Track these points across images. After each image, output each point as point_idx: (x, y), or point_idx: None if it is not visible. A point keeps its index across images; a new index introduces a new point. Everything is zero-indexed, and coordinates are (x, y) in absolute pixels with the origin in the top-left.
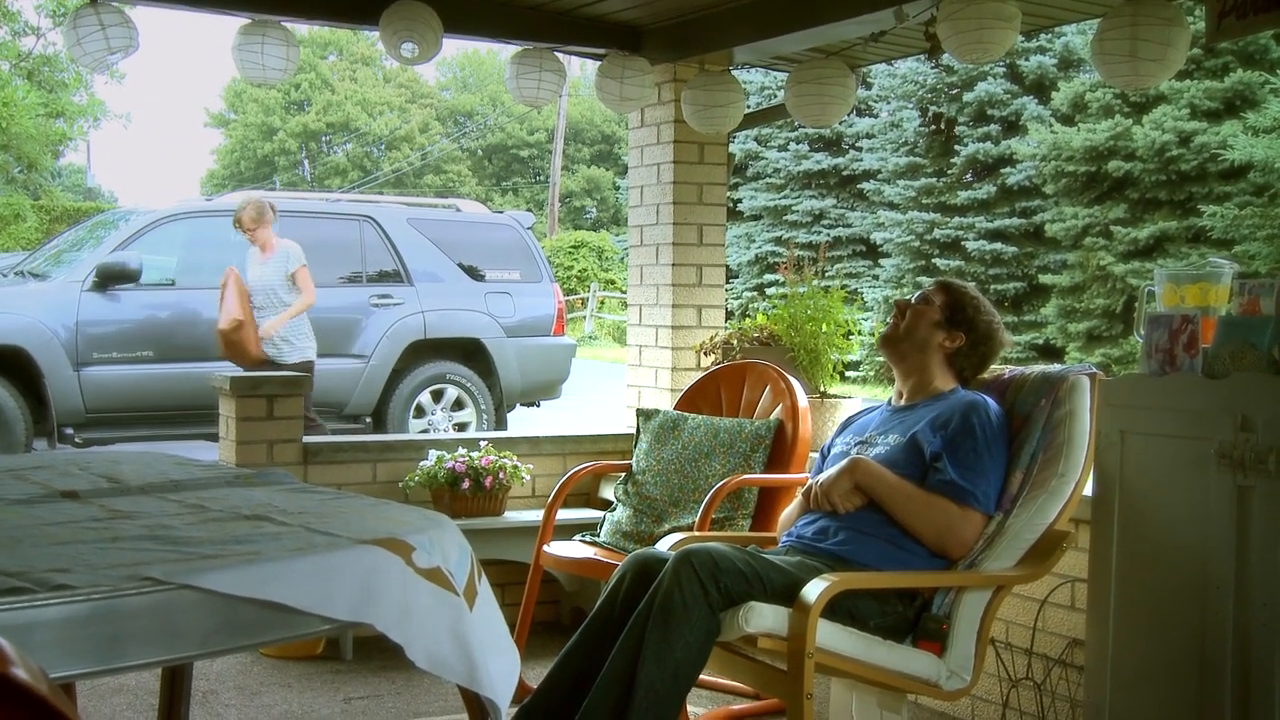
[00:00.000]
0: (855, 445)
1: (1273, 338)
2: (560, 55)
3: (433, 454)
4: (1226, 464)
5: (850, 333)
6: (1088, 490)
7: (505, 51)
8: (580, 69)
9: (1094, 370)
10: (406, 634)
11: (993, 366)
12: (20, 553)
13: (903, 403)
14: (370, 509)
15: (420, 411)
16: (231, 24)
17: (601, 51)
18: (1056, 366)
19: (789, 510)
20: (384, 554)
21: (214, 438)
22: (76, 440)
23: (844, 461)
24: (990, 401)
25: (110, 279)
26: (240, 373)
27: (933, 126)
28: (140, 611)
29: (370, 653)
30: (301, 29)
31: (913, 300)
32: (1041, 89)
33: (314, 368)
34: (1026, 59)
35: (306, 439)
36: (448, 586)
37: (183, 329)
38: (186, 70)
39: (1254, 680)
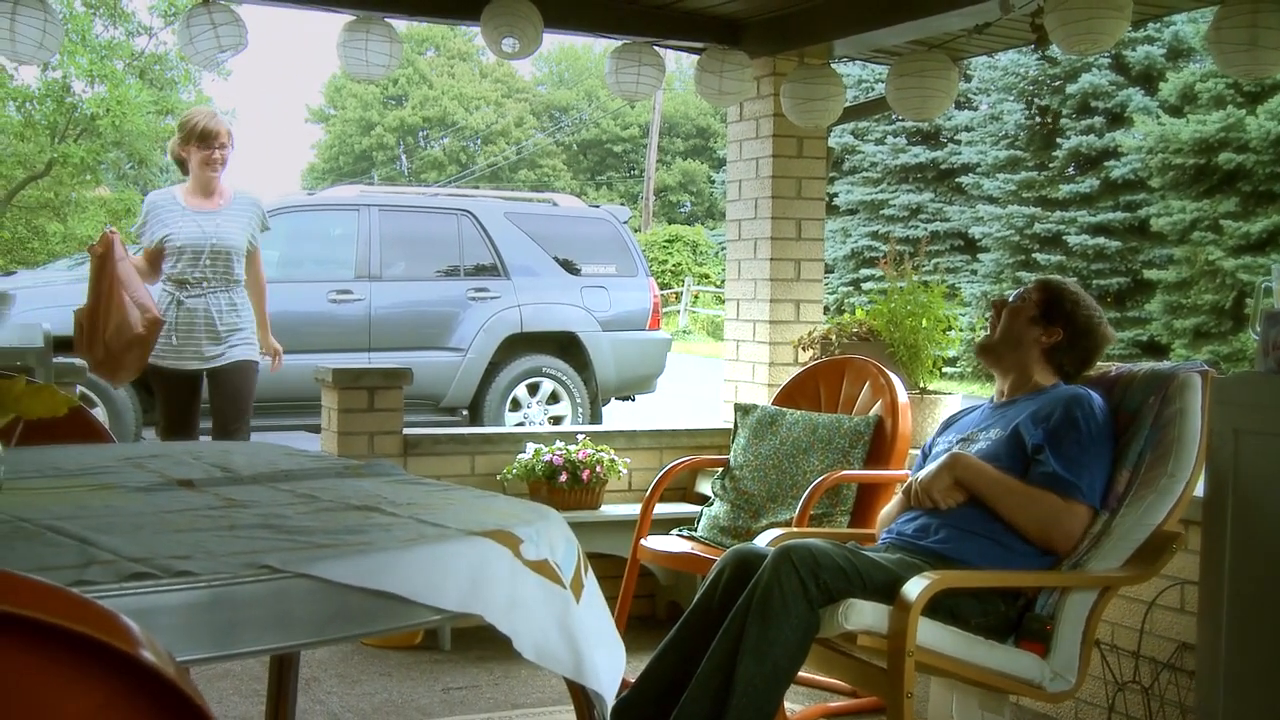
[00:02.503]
0: (957, 443)
1: None
2: (658, 49)
3: (530, 447)
4: None
5: (950, 328)
6: (1198, 490)
7: (600, 46)
8: (675, 62)
9: (1205, 368)
10: (514, 625)
11: (1099, 364)
12: (143, 539)
13: (1004, 399)
14: (478, 501)
15: (516, 405)
16: (335, 21)
17: (701, 45)
18: (1166, 364)
19: (889, 507)
20: (493, 545)
21: (314, 429)
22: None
23: (944, 457)
24: (1094, 395)
25: None
26: (344, 364)
27: (1035, 119)
28: (256, 599)
29: (469, 643)
30: (400, 25)
31: (1010, 299)
32: (1148, 80)
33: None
34: (1133, 49)
35: (407, 431)
36: (555, 579)
37: (285, 321)
38: (289, 67)
39: None
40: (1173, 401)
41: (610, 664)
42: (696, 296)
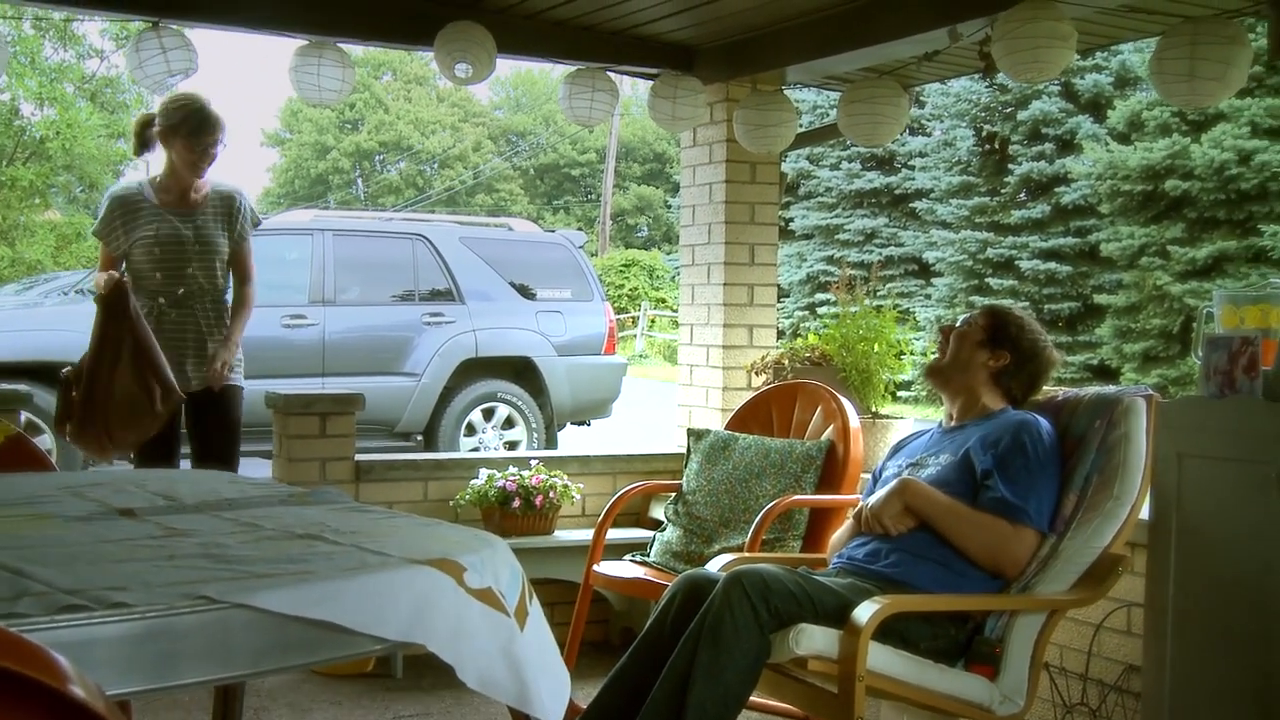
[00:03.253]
0: (907, 468)
1: None
2: (613, 75)
3: (484, 473)
4: None
5: (902, 353)
6: (1144, 514)
7: (557, 71)
8: (632, 88)
9: (1150, 392)
10: (458, 654)
11: (1046, 388)
12: (77, 570)
13: (953, 424)
14: (422, 529)
15: (471, 430)
16: (288, 45)
17: (654, 71)
18: (1112, 388)
19: (840, 532)
20: (436, 574)
21: (268, 455)
22: (132, 457)
23: (894, 483)
24: (1041, 420)
25: None
26: (298, 390)
27: (987, 145)
28: (194, 630)
29: (421, 671)
30: (357, 50)
31: (957, 324)
32: (1097, 107)
33: None
34: (1082, 77)
35: (359, 457)
36: (499, 607)
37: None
38: (243, 91)
39: None
40: (1118, 426)
41: (554, 692)
42: (653, 321)
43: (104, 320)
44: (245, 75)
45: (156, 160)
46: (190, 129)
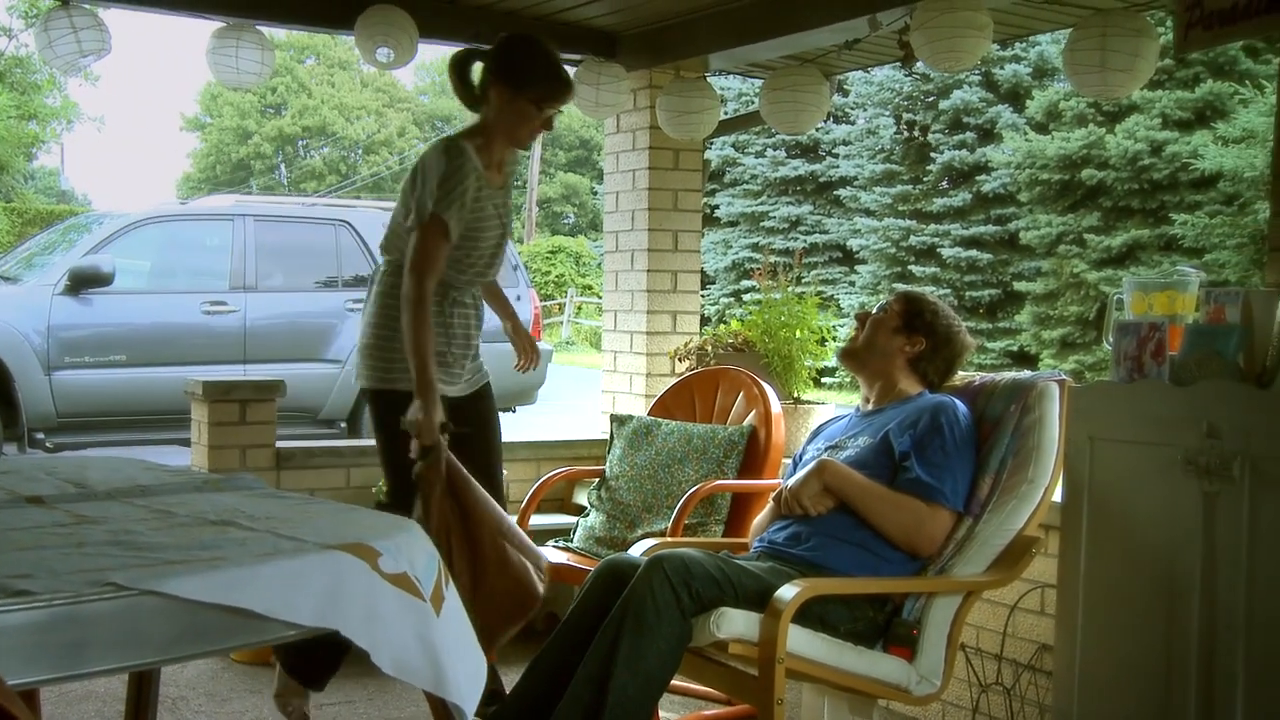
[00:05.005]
0: (826, 450)
1: (1237, 346)
2: None
3: None
4: (1193, 470)
5: (825, 339)
6: (1057, 496)
7: None
8: None
9: (1063, 377)
10: (373, 639)
11: (963, 373)
12: None
13: (871, 407)
14: (338, 514)
15: None
16: (206, 27)
17: (577, 57)
18: (1026, 373)
19: (761, 516)
20: (350, 559)
21: (188, 443)
22: (48, 445)
23: (813, 464)
24: (958, 403)
25: (83, 283)
26: (219, 377)
27: (907, 134)
28: (103, 617)
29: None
30: (279, 33)
31: (874, 311)
32: (1016, 97)
33: None
34: (1002, 67)
35: (280, 444)
36: (414, 592)
37: (157, 333)
38: (161, 74)
39: (1218, 685)
40: (1032, 410)
41: (471, 676)
42: (580, 308)
43: (434, 497)
44: (162, 57)
45: (73, 151)
46: (557, 92)
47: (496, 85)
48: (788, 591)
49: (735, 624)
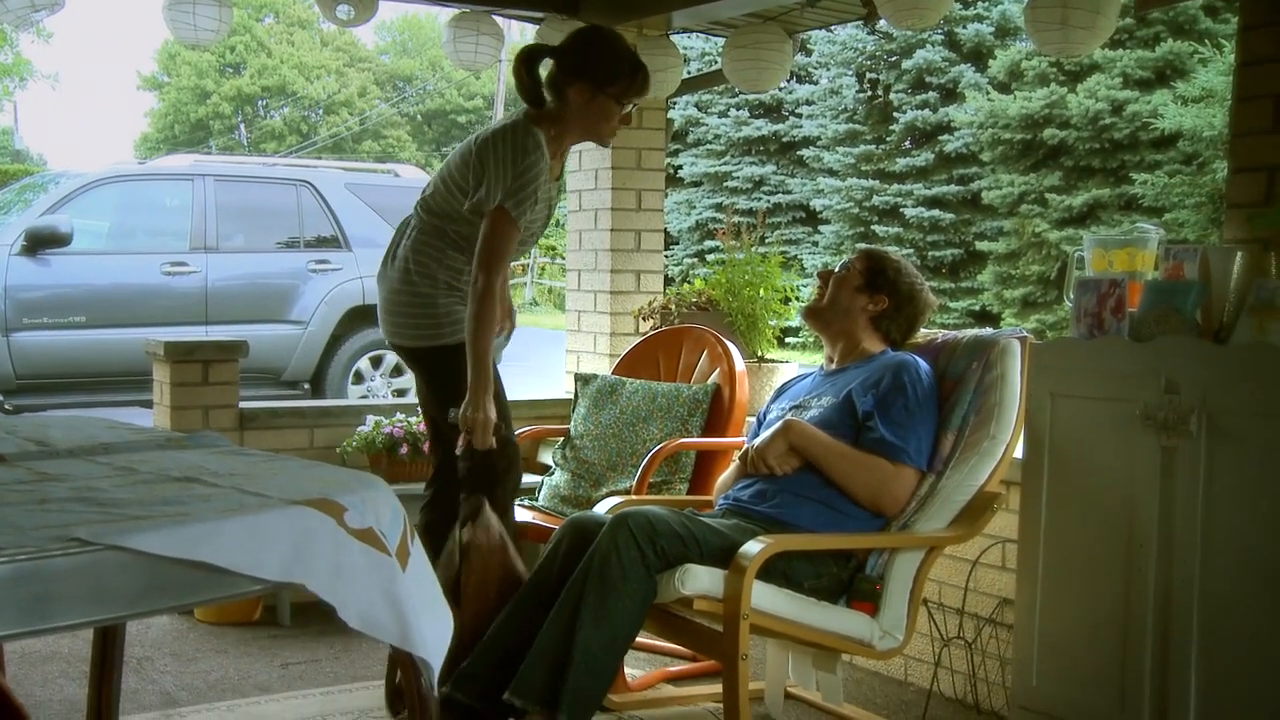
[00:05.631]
0: (790, 410)
1: (1195, 302)
2: (498, 19)
3: (370, 419)
4: (1151, 426)
5: (788, 298)
6: (1018, 452)
7: (444, 15)
8: (520, 34)
9: (1025, 334)
10: (339, 594)
11: (925, 331)
12: None
13: (834, 367)
14: (303, 470)
15: (359, 378)
16: None
17: (539, 15)
18: (988, 331)
19: (726, 475)
20: (315, 514)
21: (150, 404)
22: (6, 407)
23: (779, 424)
24: (920, 361)
25: (40, 243)
26: (180, 338)
27: (869, 93)
28: (67, 573)
29: (309, 618)
30: None
31: (836, 270)
32: (979, 57)
33: None
34: (964, 27)
35: (243, 405)
36: (380, 547)
37: (117, 294)
38: (118, 31)
39: (1173, 636)
40: (994, 367)
41: (437, 631)
42: (543, 269)
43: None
44: (118, 14)
45: (27, 110)
46: (640, 84)
47: (577, 84)
48: (753, 547)
49: (700, 580)
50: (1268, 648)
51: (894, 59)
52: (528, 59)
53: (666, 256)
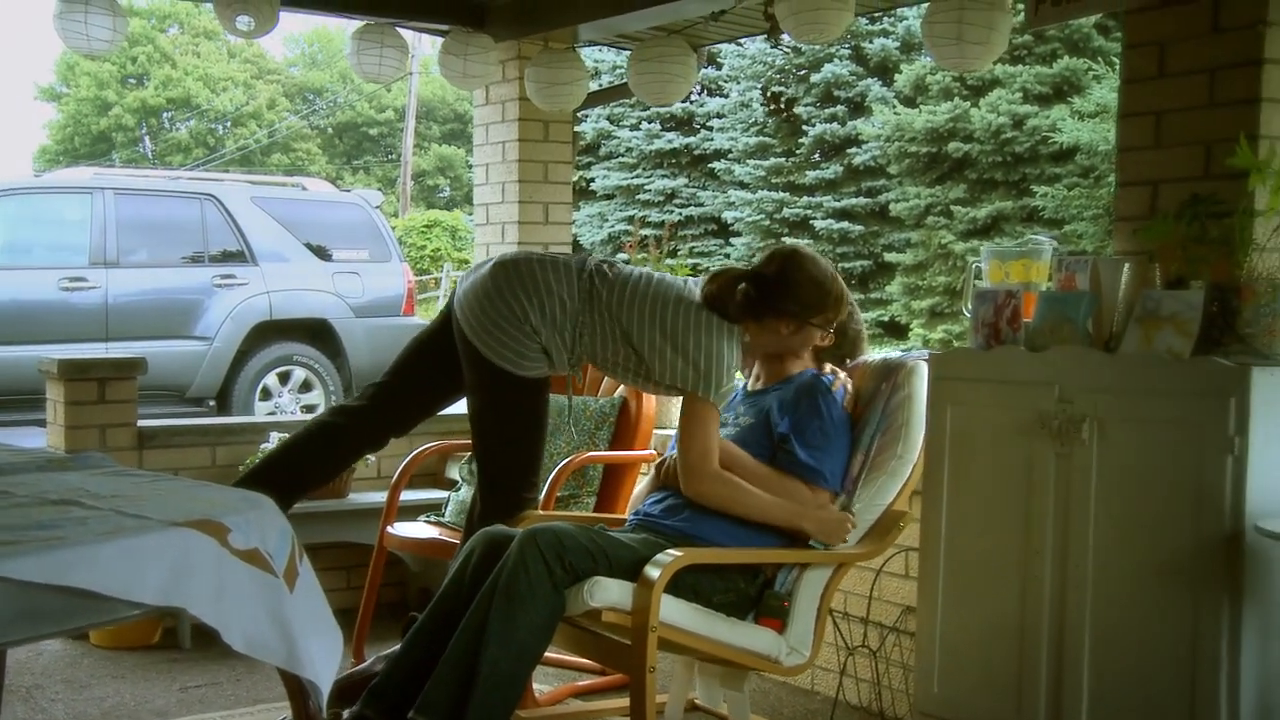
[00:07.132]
0: None
1: (1086, 312)
2: (405, 31)
3: (274, 436)
4: (1046, 433)
5: None
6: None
7: (353, 27)
8: (431, 46)
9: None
10: (222, 617)
11: None
12: None
13: (760, 386)
14: (187, 490)
15: (267, 394)
16: None
17: (445, 28)
18: (897, 353)
19: (639, 489)
20: (197, 536)
21: (43, 423)
22: None
23: None
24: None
25: None
26: (78, 355)
27: (773, 106)
28: None
29: (210, 640)
30: None
31: None
32: (885, 71)
33: None
34: (870, 41)
35: (142, 423)
36: (266, 568)
37: (11, 311)
38: (11, 40)
39: (1067, 639)
40: (902, 388)
41: (325, 652)
42: (455, 283)
43: None
44: (12, 22)
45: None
46: (840, 309)
47: (784, 319)
48: (662, 559)
49: (609, 593)
50: (1156, 647)
51: (803, 73)
52: (731, 284)
53: None
